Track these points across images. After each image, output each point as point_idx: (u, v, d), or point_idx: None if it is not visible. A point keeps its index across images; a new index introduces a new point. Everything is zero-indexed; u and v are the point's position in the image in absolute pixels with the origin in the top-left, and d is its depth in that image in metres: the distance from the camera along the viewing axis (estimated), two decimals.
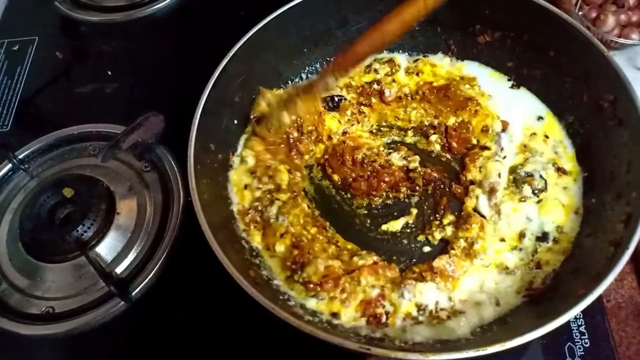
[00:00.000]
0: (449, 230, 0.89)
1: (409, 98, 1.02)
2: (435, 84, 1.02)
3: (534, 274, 0.82)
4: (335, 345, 0.66)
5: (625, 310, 0.85)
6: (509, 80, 1.02)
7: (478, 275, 0.83)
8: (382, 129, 1.03)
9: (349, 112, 1.02)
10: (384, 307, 0.80)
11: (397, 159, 0.97)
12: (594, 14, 1.10)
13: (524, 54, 0.98)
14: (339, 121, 1.01)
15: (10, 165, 1.05)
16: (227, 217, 0.89)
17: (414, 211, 0.92)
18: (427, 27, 1.04)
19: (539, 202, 0.88)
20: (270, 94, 0.98)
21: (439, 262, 0.83)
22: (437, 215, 0.91)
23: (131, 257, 0.93)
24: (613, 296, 0.86)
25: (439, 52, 1.07)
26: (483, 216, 0.88)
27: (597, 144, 0.88)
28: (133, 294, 0.88)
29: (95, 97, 1.19)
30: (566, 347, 0.80)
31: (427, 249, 0.88)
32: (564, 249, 0.83)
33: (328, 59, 1.07)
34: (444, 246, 0.88)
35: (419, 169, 0.95)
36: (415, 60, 1.07)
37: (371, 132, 1.02)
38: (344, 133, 1.01)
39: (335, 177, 0.97)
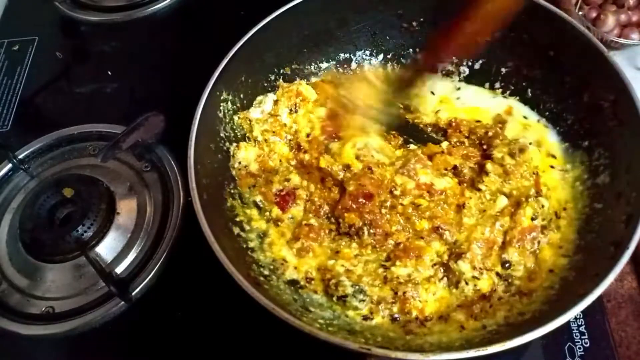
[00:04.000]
0: None
1: None
2: None
3: None
4: (335, 345, 0.66)
5: (625, 310, 0.84)
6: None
7: None
8: None
9: None
10: None
11: None
12: (594, 14, 1.10)
13: (523, 54, 0.98)
14: None
15: (10, 165, 1.05)
16: (227, 217, 0.89)
17: None
18: (427, 27, 1.04)
19: None
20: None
21: None
22: None
23: (131, 257, 0.93)
24: (613, 296, 0.86)
25: None
26: None
27: (597, 144, 0.88)
28: (133, 294, 0.88)
29: (95, 97, 1.19)
30: (566, 347, 0.80)
31: None
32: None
33: (329, 59, 1.08)
34: None
35: None
36: None
37: None
38: None
39: None
